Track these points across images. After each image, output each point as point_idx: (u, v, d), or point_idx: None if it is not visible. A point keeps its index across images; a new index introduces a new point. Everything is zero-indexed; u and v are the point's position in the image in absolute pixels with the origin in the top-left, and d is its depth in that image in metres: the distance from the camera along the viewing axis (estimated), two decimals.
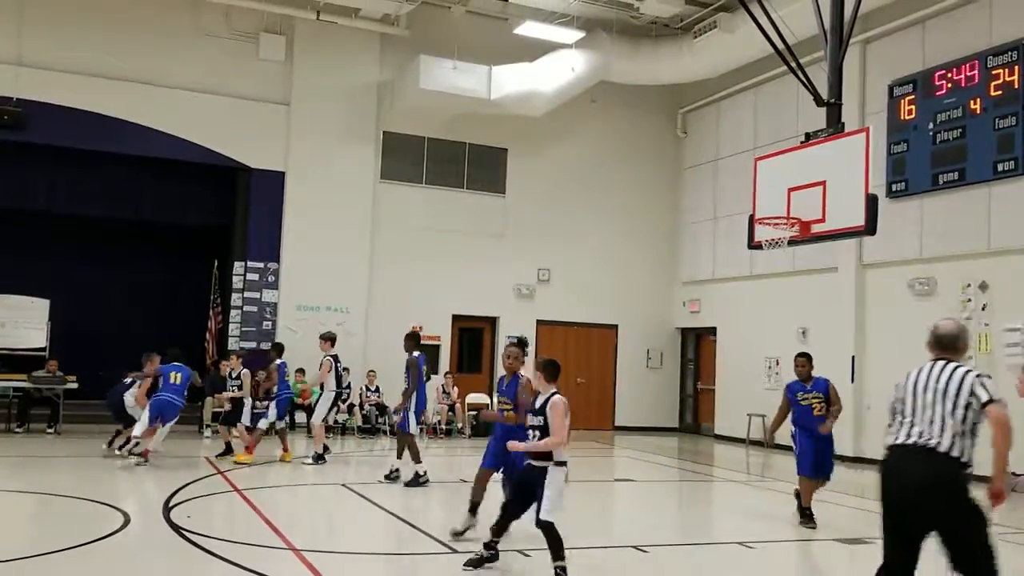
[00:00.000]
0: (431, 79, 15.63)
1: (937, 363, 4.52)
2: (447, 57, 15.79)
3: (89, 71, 15.03)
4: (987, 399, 4.30)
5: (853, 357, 14.41)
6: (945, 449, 4.29)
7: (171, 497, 8.52)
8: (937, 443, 4.30)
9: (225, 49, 16.05)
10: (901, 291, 13.89)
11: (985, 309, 12.69)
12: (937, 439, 4.31)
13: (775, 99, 16.74)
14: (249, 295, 16.09)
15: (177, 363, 11.26)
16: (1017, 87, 12.21)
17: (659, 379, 19.35)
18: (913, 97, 13.81)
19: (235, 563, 6.05)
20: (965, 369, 4.44)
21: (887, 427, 4.67)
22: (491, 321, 18.16)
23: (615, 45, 16.94)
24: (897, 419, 4.56)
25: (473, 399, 16.76)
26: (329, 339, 11.92)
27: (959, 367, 4.46)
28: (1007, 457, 4.31)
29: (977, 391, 4.32)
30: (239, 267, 16.15)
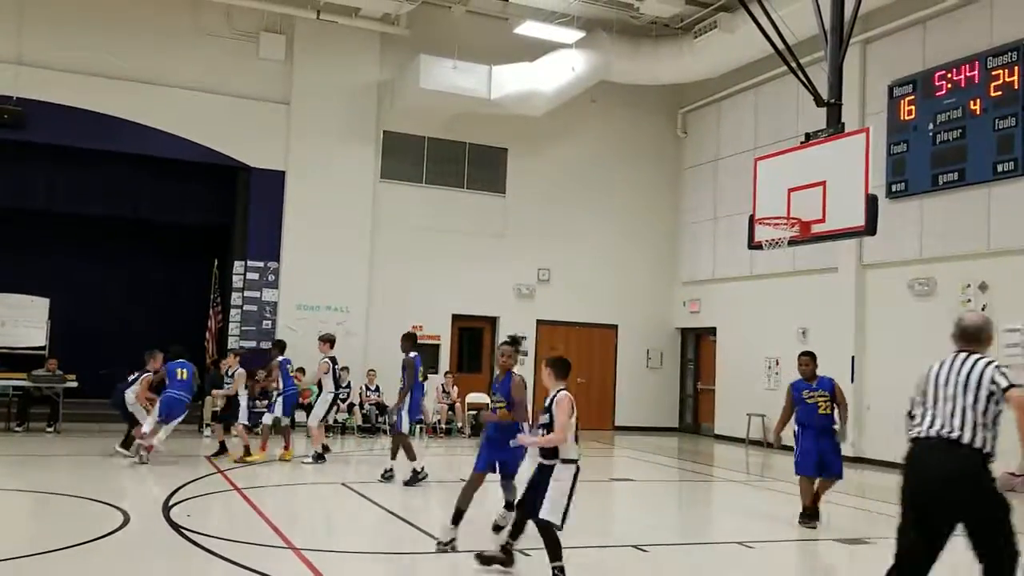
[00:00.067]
0: (431, 79, 15.63)
1: (959, 355, 4.57)
2: (447, 57, 15.79)
3: (89, 70, 15.04)
4: (1007, 384, 4.37)
5: (853, 357, 14.41)
6: (968, 440, 4.34)
7: (171, 496, 8.53)
8: (959, 435, 4.36)
9: (225, 48, 16.05)
10: (901, 291, 13.90)
11: (985, 309, 12.67)
12: (959, 431, 4.37)
13: (775, 99, 16.75)
14: (249, 294, 16.09)
15: (182, 360, 11.38)
16: (1017, 88, 12.22)
17: (659, 379, 19.37)
18: (913, 97, 13.81)
19: (235, 562, 6.05)
20: (986, 360, 4.49)
21: (907, 416, 4.71)
22: (491, 321, 18.16)
23: (615, 45, 16.94)
24: (919, 411, 4.60)
25: (473, 399, 16.76)
26: (328, 341, 11.95)
27: (981, 359, 4.51)
28: None
29: (997, 379, 4.40)
30: (239, 266, 16.15)
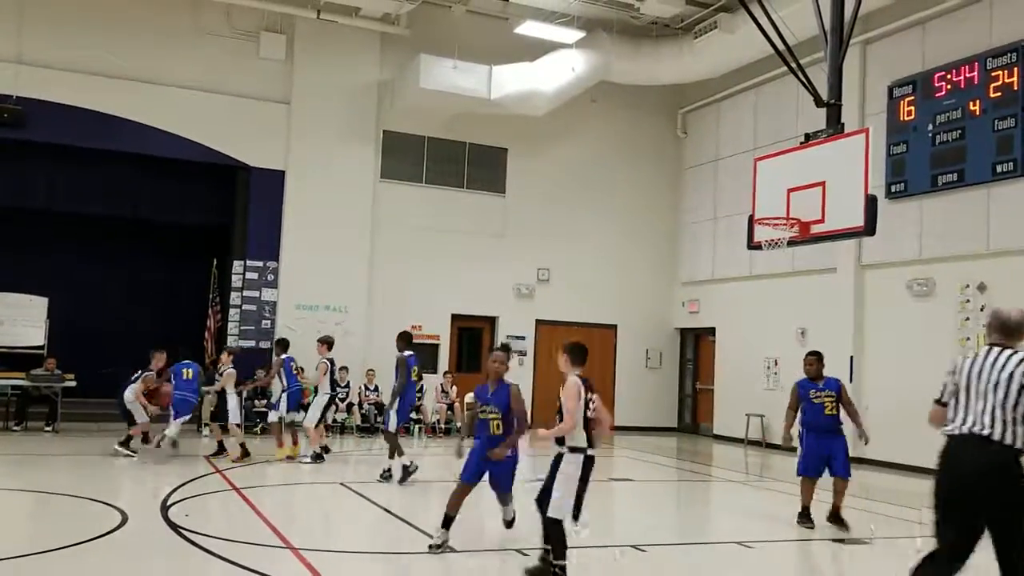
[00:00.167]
0: (431, 78, 15.62)
1: (994, 349, 4.60)
2: (447, 56, 15.78)
3: (89, 69, 15.02)
4: None
5: (852, 357, 14.42)
6: (999, 437, 4.41)
7: (169, 495, 8.53)
8: (991, 432, 4.43)
9: (225, 48, 16.04)
10: (900, 292, 13.90)
11: (984, 310, 12.68)
12: (991, 428, 4.43)
13: (775, 100, 16.75)
14: (248, 294, 16.08)
15: (187, 360, 11.71)
16: (1016, 89, 12.22)
17: (658, 379, 19.37)
18: (913, 98, 13.81)
19: (233, 562, 6.05)
20: (1020, 357, 4.52)
21: (934, 402, 4.77)
22: (491, 321, 18.16)
23: (615, 45, 16.94)
24: (951, 402, 4.67)
25: (472, 398, 16.72)
26: (326, 343, 11.93)
27: (1015, 354, 4.55)
28: None
29: None
30: (238, 266, 16.14)
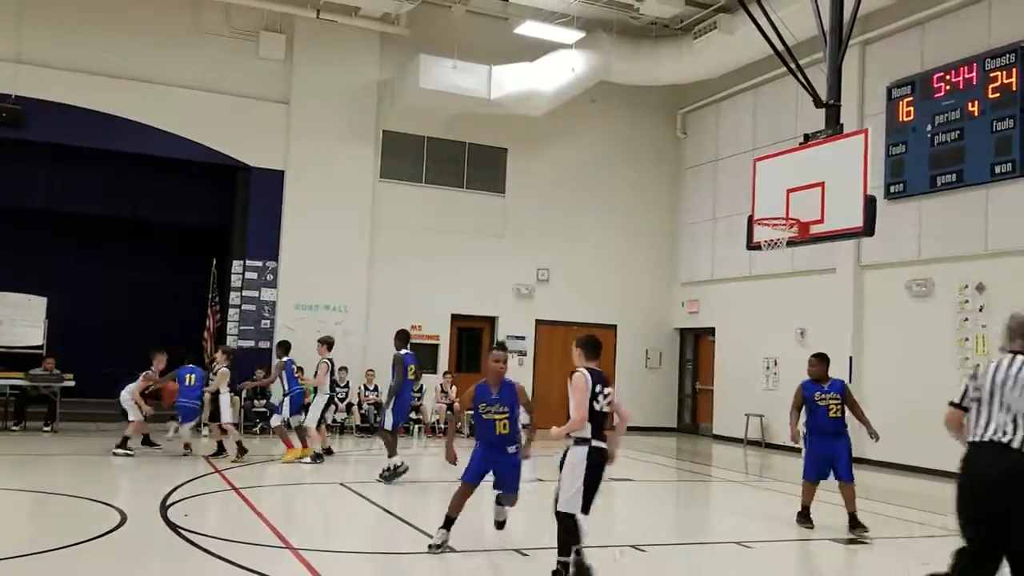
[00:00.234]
0: (431, 78, 15.61)
1: (1018, 357, 4.63)
2: (447, 56, 15.77)
3: (88, 69, 15.01)
4: None
5: (851, 358, 14.42)
6: (1018, 445, 4.43)
7: (168, 495, 8.52)
8: (1011, 439, 4.45)
9: (225, 47, 16.03)
10: (899, 292, 13.91)
11: (982, 311, 12.71)
12: (1011, 435, 4.46)
13: (774, 100, 16.76)
14: (248, 294, 16.07)
15: (192, 365, 11.88)
16: (1015, 89, 12.23)
17: (658, 379, 19.37)
18: (912, 99, 13.82)
19: (232, 562, 6.05)
20: None
21: (949, 404, 4.82)
22: (490, 321, 18.16)
23: (615, 45, 16.94)
24: (974, 411, 4.69)
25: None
26: (326, 343, 11.98)
27: None
28: None
29: None
30: (238, 266, 16.13)
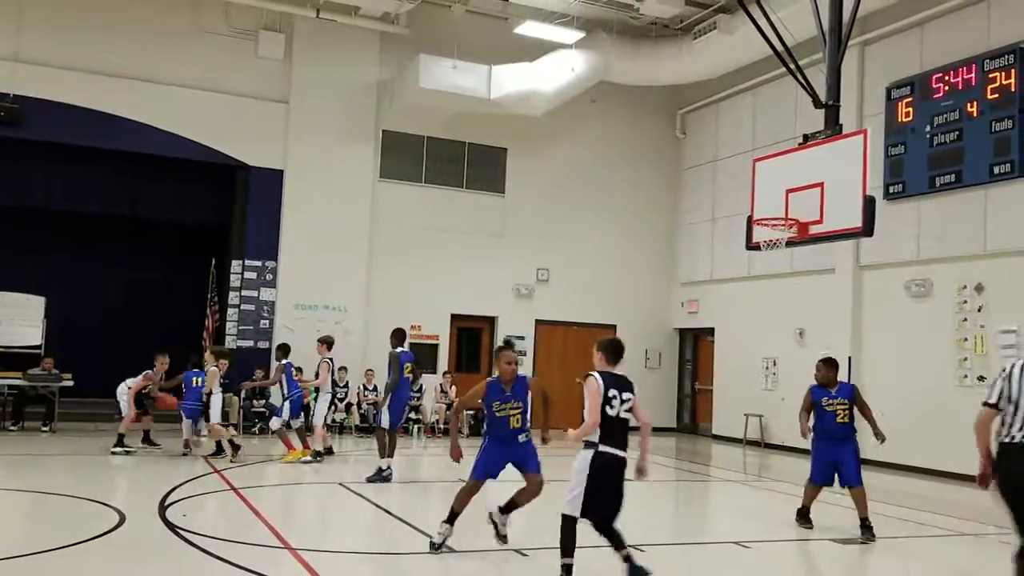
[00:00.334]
0: (431, 78, 15.61)
1: None
2: (447, 56, 15.76)
3: (87, 68, 15.00)
4: None
5: (850, 358, 14.41)
6: None
7: (167, 496, 8.52)
8: None
9: (224, 46, 16.02)
10: (898, 292, 13.92)
11: (981, 311, 12.71)
12: None
13: (774, 100, 16.76)
14: (247, 293, 16.06)
15: (198, 369, 11.94)
16: (1014, 90, 12.23)
17: (657, 379, 19.36)
18: (911, 99, 13.82)
19: (231, 562, 6.04)
20: None
21: (983, 405, 4.90)
22: (490, 321, 18.16)
23: (615, 46, 16.94)
24: (1007, 410, 4.78)
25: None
26: (326, 343, 12.02)
27: None
28: None
29: None
30: (237, 265, 16.12)
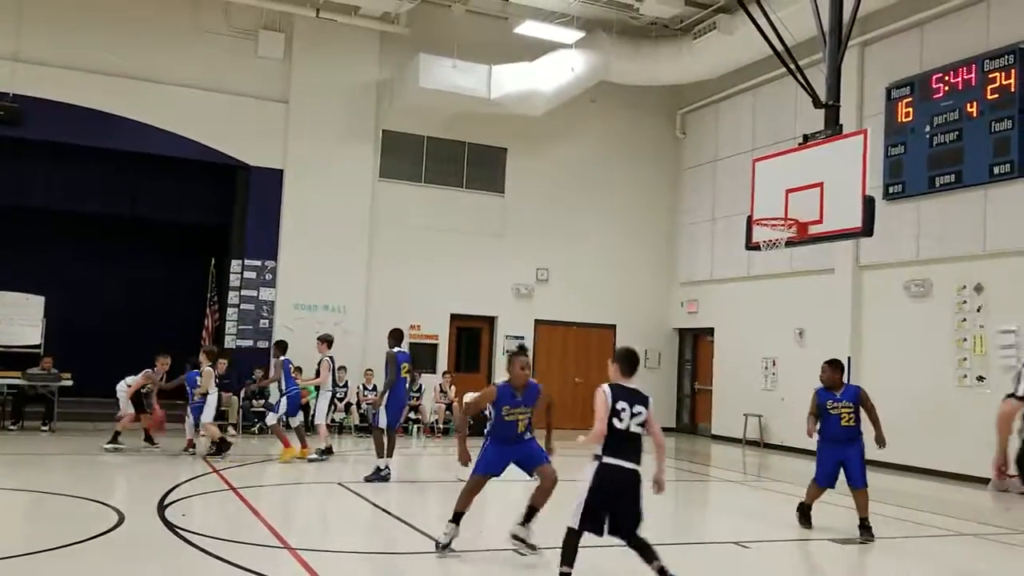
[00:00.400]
0: (431, 78, 15.61)
1: None
2: (447, 56, 15.76)
3: (87, 67, 14.99)
4: None
5: (849, 358, 14.40)
6: None
7: (166, 495, 8.52)
8: None
9: (224, 46, 16.01)
10: (897, 292, 13.92)
11: (980, 311, 12.71)
12: None
13: (774, 100, 16.76)
14: (246, 293, 16.05)
15: (198, 370, 11.93)
16: (1014, 90, 12.23)
17: (657, 379, 19.32)
18: (910, 100, 13.82)
19: (230, 562, 6.05)
20: None
21: (1010, 397, 4.89)
22: (489, 321, 18.16)
23: (615, 45, 16.94)
24: None
25: (471, 398, 16.72)
26: (326, 341, 12.05)
27: None
28: None
29: None
30: (236, 265, 16.12)
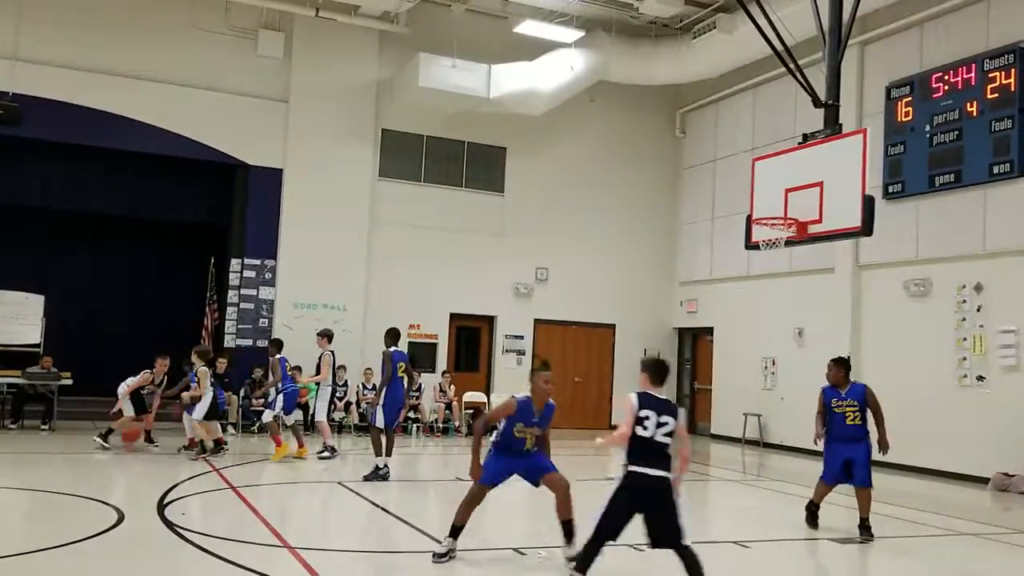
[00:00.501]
0: (430, 77, 15.61)
1: None
2: (446, 55, 15.77)
3: (86, 66, 14.98)
4: None
5: (848, 358, 14.40)
6: None
7: (166, 494, 8.52)
8: None
9: (223, 45, 16.00)
10: (897, 292, 13.92)
11: (980, 311, 12.72)
12: None
13: (773, 100, 16.76)
14: (246, 292, 16.05)
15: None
16: (1013, 90, 12.24)
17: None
18: (910, 99, 13.83)
19: (230, 561, 6.05)
20: None
21: None
22: (489, 320, 18.16)
23: (614, 45, 16.94)
24: None
25: (470, 398, 16.78)
26: (326, 336, 12.10)
27: None
28: None
29: None
30: (236, 264, 16.11)
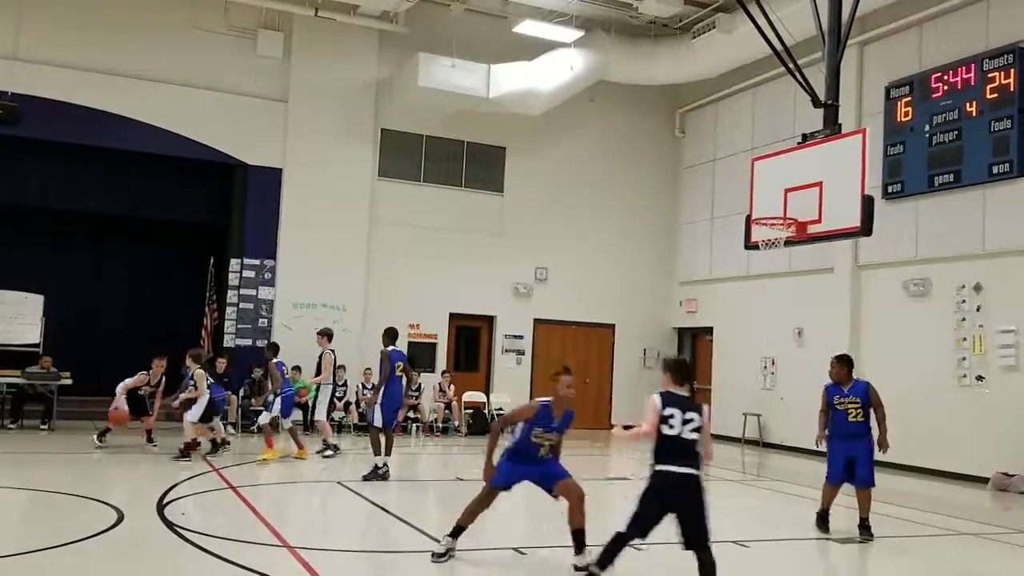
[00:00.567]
0: (430, 77, 15.61)
1: None
2: (446, 55, 15.77)
3: (85, 66, 14.97)
4: None
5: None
6: None
7: (165, 494, 8.52)
8: None
9: (223, 45, 15.99)
10: (896, 292, 13.93)
11: (980, 311, 12.73)
12: None
13: (773, 100, 16.77)
14: (245, 292, 16.05)
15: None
16: (1013, 90, 12.24)
17: (656, 379, 19.26)
18: (910, 99, 13.83)
19: (229, 560, 6.05)
20: None
21: None
22: (489, 320, 18.16)
23: (614, 45, 16.94)
24: None
25: (470, 397, 16.79)
26: (327, 335, 12.15)
27: None
28: None
29: None
30: (235, 264, 16.11)
